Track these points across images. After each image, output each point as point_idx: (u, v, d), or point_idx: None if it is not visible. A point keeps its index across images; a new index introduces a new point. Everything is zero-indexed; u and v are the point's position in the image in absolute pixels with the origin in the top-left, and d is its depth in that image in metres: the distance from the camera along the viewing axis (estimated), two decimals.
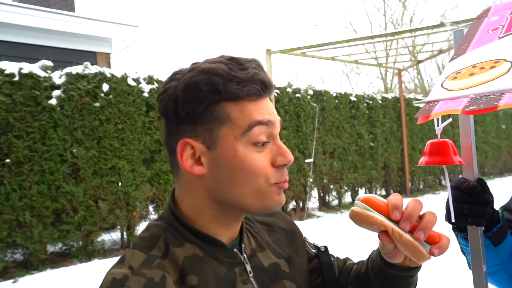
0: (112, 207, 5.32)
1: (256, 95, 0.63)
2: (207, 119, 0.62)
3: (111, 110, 5.34)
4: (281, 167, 0.64)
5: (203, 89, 0.61)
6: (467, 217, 0.86)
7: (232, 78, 0.61)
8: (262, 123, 0.62)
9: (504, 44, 0.76)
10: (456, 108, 0.70)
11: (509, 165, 14.14)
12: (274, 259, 0.73)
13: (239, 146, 0.62)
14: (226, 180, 0.63)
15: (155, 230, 0.66)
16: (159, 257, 0.62)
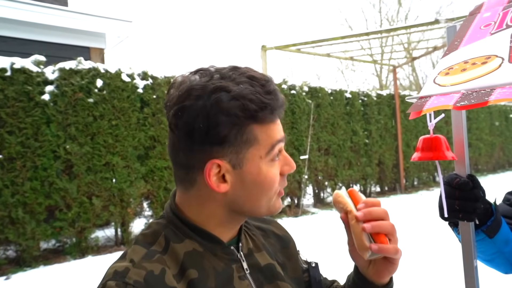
0: (106, 203, 5.30)
1: (279, 118, 0.69)
2: (236, 142, 0.65)
3: (105, 106, 5.30)
4: (284, 175, 0.71)
5: (239, 114, 0.63)
6: (458, 212, 0.88)
7: (265, 106, 0.64)
8: (281, 141, 0.69)
9: (495, 40, 0.76)
10: (447, 103, 0.70)
11: (502, 162, 14.27)
12: (270, 260, 0.76)
13: (263, 164, 0.67)
14: (247, 194, 0.67)
15: (156, 228, 0.69)
16: (159, 252, 0.65)
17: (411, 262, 4.21)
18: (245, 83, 0.64)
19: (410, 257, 4.41)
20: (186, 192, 0.69)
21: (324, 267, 1.54)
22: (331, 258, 4.54)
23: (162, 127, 5.85)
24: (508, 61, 0.69)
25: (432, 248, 4.76)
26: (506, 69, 0.67)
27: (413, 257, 4.33)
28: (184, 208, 0.70)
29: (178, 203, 0.71)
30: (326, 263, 4.41)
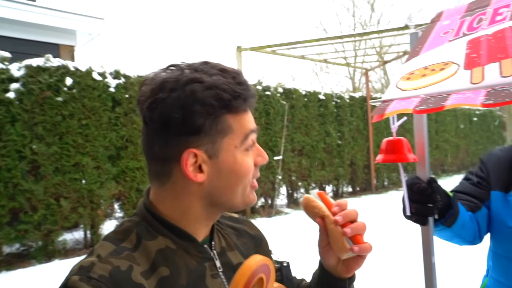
0: (75, 205, 5.14)
1: (251, 108, 0.71)
2: (212, 131, 0.66)
3: (74, 105, 5.14)
4: (257, 166, 0.73)
5: (214, 104, 0.65)
6: (413, 216, 0.94)
7: (237, 95, 0.67)
8: (254, 131, 0.71)
9: (453, 47, 0.80)
10: (408, 107, 0.72)
11: (466, 163, 14.89)
12: (242, 259, 0.76)
13: (238, 153, 0.68)
14: (223, 184, 0.68)
15: (128, 225, 0.69)
16: (129, 249, 0.65)
17: (380, 258, 4.32)
18: (217, 75, 0.67)
19: (379, 254, 4.53)
20: (161, 187, 0.69)
21: (296, 266, 1.56)
22: (304, 257, 4.60)
23: (134, 127, 5.74)
24: (463, 68, 0.73)
25: (398, 245, 4.91)
26: (461, 75, 0.71)
27: (381, 254, 4.45)
28: (158, 204, 0.70)
29: (152, 200, 0.70)
30: (299, 262, 4.46)
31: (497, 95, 0.61)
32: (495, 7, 0.81)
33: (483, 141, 15.99)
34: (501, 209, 1.12)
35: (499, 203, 1.13)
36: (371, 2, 18.37)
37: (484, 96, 0.63)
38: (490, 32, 0.76)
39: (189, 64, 0.69)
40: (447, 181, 12.12)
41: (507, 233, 1.11)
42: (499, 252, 1.15)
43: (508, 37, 0.70)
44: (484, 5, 0.86)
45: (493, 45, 0.72)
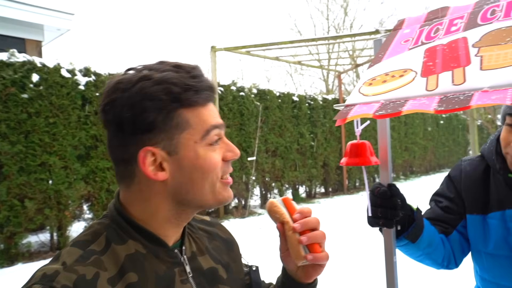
0: (40, 206, 4.96)
1: (208, 101, 0.69)
2: (166, 127, 0.65)
3: (41, 102, 4.96)
4: (228, 161, 0.71)
5: (163, 98, 0.63)
6: (380, 219, 0.95)
7: (189, 87, 0.65)
8: (216, 127, 0.69)
9: (412, 55, 0.84)
10: (368, 112, 0.75)
11: (433, 164, 15.47)
12: (212, 264, 0.76)
13: (200, 148, 0.66)
14: (188, 180, 0.66)
15: (97, 228, 0.67)
16: (97, 252, 0.63)
17: (348, 257, 4.42)
18: (169, 70, 0.66)
19: (347, 253, 4.63)
20: (128, 189, 0.68)
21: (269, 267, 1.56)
22: (276, 258, 4.64)
23: None
24: (420, 75, 0.76)
25: (368, 244, 5.04)
26: (418, 82, 0.74)
27: (349, 253, 4.56)
28: (128, 206, 0.68)
29: (122, 201, 0.69)
30: (271, 263, 4.49)
31: (448, 102, 0.64)
32: (451, 18, 0.85)
33: (449, 143, 16.65)
34: (480, 232, 1.08)
35: (478, 227, 1.09)
36: (344, 6, 18.74)
37: (437, 102, 0.67)
38: (445, 42, 0.80)
39: (145, 65, 0.69)
40: (415, 182, 12.54)
41: (490, 258, 1.06)
42: (487, 278, 1.10)
43: (461, 47, 0.74)
44: (441, 15, 0.90)
45: (447, 55, 0.75)
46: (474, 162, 1.18)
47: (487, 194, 1.09)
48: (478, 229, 1.09)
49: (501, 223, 1.04)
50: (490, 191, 1.09)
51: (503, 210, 1.04)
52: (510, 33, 0.70)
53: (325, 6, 19.44)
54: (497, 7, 0.79)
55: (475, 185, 1.12)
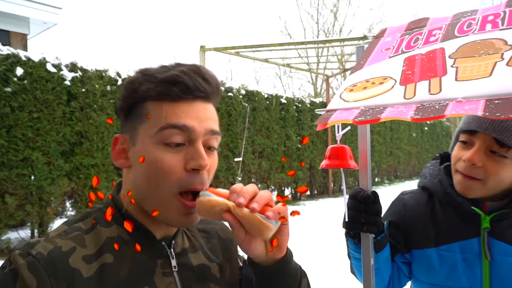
0: (22, 202, 4.86)
1: (179, 98, 0.63)
2: (132, 117, 0.66)
3: (25, 96, 4.87)
4: (194, 172, 0.64)
5: (129, 87, 0.66)
6: (363, 225, 0.94)
7: (149, 78, 0.64)
8: (176, 127, 0.62)
9: (392, 63, 0.86)
10: (348, 118, 0.77)
11: (417, 170, 15.72)
12: (205, 261, 0.75)
13: (152, 144, 0.63)
14: (141, 176, 0.65)
15: (90, 210, 0.70)
16: (82, 230, 0.65)
17: (329, 259, 4.46)
18: (168, 66, 0.67)
19: (329, 255, 4.67)
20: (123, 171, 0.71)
21: None
22: None
23: (91, 122, 5.53)
24: (399, 83, 0.78)
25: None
26: (396, 90, 0.76)
27: (331, 255, 4.60)
28: (123, 190, 0.70)
29: (122, 185, 0.71)
30: None
31: (424, 111, 0.67)
32: (430, 29, 0.88)
33: (433, 149, 16.96)
34: (431, 265, 1.05)
35: (428, 260, 1.05)
36: (334, 11, 18.92)
37: (414, 111, 0.69)
38: (424, 52, 0.82)
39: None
40: (399, 186, 12.72)
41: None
42: None
43: (438, 57, 0.77)
44: (421, 25, 0.93)
45: (425, 64, 0.78)
46: (416, 196, 1.15)
47: (435, 226, 1.06)
48: (429, 262, 1.05)
49: (455, 255, 1.02)
50: (438, 221, 1.07)
51: (457, 242, 1.02)
52: (484, 46, 0.72)
53: (315, 10, 19.60)
54: (473, 20, 0.82)
55: (423, 218, 1.09)
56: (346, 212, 0.96)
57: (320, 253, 4.81)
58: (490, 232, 0.98)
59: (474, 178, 0.96)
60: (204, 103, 0.67)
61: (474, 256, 0.99)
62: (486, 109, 0.58)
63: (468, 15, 0.85)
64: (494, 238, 0.98)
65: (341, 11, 19.39)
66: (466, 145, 0.99)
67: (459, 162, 0.99)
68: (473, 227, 1.00)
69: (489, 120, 0.92)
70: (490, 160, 0.94)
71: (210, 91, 0.67)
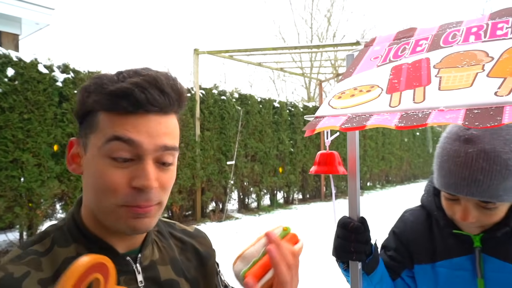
0: (10, 204, 4.81)
1: (126, 111, 0.60)
2: (84, 124, 0.65)
3: (16, 97, 4.83)
4: (139, 190, 0.60)
5: (81, 93, 0.65)
6: (353, 254, 0.96)
7: (98, 89, 0.62)
8: (122, 140, 0.59)
9: (380, 72, 0.88)
10: (335, 124, 0.79)
11: (408, 175, 15.86)
12: (173, 276, 0.72)
13: (99, 156, 0.61)
14: (91, 185, 0.63)
15: (48, 229, 0.66)
16: (38, 253, 0.62)
17: (321, 264, 4.48)
18: (122, 71, 0.64)
19: (321, 260, 4.69)
20: None
21: None
22: None
23: None
24: (385, 92, 0.80)
25: None
26: (382, 98, 0.78)
27: (323, 260, 4.61)
28: (83, 202, 0.67)
29: (83, 201, 0.68)
30: None
31: (408, 119, 0.69)
32: (417, 39, 0.91)
33: (424, 154, 17.13)
34: (429, 281, 1.08)
35: (426, 276, 1.09)
36: (328, 16, 19.07)
37: (398, 118, 0.71)
38: (410, 61, 0.85)
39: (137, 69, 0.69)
40: (390, 191, 12.81)
41: None
42: None
43: (423, 67, 0.79)
44: (409, 35, 0.95)
45: (411, 73, 0.80)
46: (416, 213, 1.17)
47: (432, 243, 1.09)
48: (427, 277, 1.08)
49: (449, 271, 1.04)
50: (434, 239, 1.09)
51: (450, 259, 1.04)
52: (466, 56, 0.75)
53: (309, 14, 19.73)
54: (457, 31, 0.84)
55: (420, 235, 1.12)
56: (336, 241, 0.97)
57: (312, 257, 4.82)
58: (483, 250, 0.99)
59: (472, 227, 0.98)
60: (160, 117, 0.62)
61: (469, 273, 1.00)
62: (466, 118, 0.60)
63: (453, 26, 0.87)
64: (487, 255, 0.98)
65: (334, 16, 19.54)
66: (452, 198, 0.97)
67: (454, 217, 0.99)
68: (467, 244, 1.01)
69: (465, 184, 0.89)
70: (482, 213, 0.93)
71: (167, 103, 0.62)
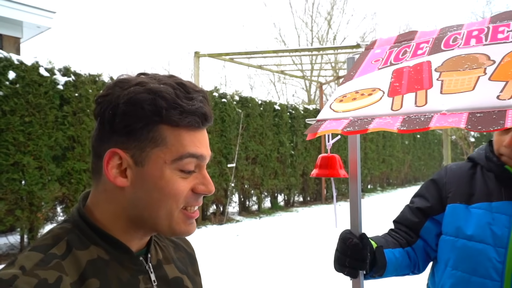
0: (11, 207, 4.81)
1: (195, 127, 0.66)
2: (142, 137, 0.64)
3: (17, 100, 4.84)
4: (199, 194, 0.67)
5: (146, 108, 0.62)
6: (345, 268, 0.98)
7: (176, 106, 0.63)
8: (194, 156, 0.65)
9: (381, 75, 0.88)
10: (337, 128, 0.79)
11: (409, 177, 15.84)
12: (178, 273, 0.75)
13: (167, 170, 0.64)
14: (146, 197, 0.64)
15: (58, 232, 0.64)
16: (58, 256, 0.60)
17: (321, 267, 4.47)
18: (169, 84, 0.65)
19: (321, 263, 4.68)
20: (96, 186, 0.67)
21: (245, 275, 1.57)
22: (253, 265, 4.64)
23: (83, 127, 5.51)
24: (387, 95, 0.80)
25: None
26: (384, 102, 0.78)
27: (324, 263, 4.59)
28: (94, 208, 0.67)
29: (89, 202, 0.68)
30: (248, 271, 4.49)
31: (410, 122, 0.69)
32: (418, 42, 0.91)
33: (425, 157, 17.10)
34: (460, 220, 1.10)
35: (458, 215, 1.10)
36: (328, 18, 19.09)
37: (400, 122, 0.71)
38: (411, 64, 0.85)
39: (156, 74, 0.69)
40: (391, 193, 12.80)
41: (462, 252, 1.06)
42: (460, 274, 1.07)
43: (425, 70, 0.79)
44: (409, 38, 0.95)
45: (412, 76, 0.80)
46: (460, 164, 1.23)
47: (471, 188, 1.12)
48: (459, 217, 1.10)
49: (486, 212, 1.06)
50: (475, 185, 1.12)
51: (489, 202, 1.07)
52: (468, 60, 0.75)
53: (309, 17, 19.77)
54: (458, 34, 0.84)
55: (460, 178, 1.15)
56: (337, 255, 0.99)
57: (313, 259, 4.81)
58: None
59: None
60: (205, 129, 0.70)
61: (506, 216, 1.03)
62: (469, 122, 0.60)
63: (454, 29, 0.87)
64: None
65: (335, 19, 19.52)
66: (505, 132, 1.04)
67: (501, 148, 1.06)
68: (510, 190, 1.05)
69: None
70: None
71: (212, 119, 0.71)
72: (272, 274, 4.30)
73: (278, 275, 4.30)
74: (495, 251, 1.01)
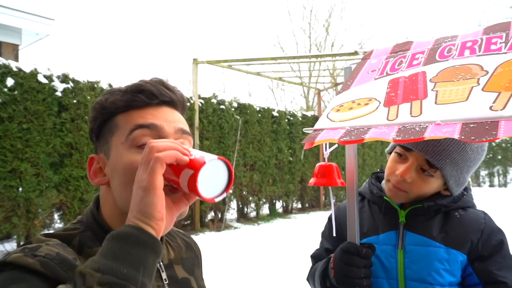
0: (8, 214, 4.79)
1: (143, 105, 0.67)
2: (104, 133, 0.69)
3: (15, 107, 4.84)
4: None
5: (96, 107, 0.69)
6: (363, 279, 0.96)
7: (114, 91, 0.69)
8: (144, 126, 0.65)
9: (377, 85, 0.89)
10: (334, 137, 0.79)
11: None
12: (185, 274, 0.77)
13: (123, 150, 0.65)
14: (120, 184, 0.65)
15: (72, 232, 0.66)
16: (74, 253, 0.63)
17: None
18: (128, 85, 0.70)
19: None
20: (100, 190, 0.72)
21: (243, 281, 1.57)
22: (251, 271, 4.62)
23: (81, 134, 5.50)
24: (383, 105, 0.81)
25: None
26: (380, 112, 0.79)
27: None
28: (102, 208, 0.70)
29: (101, 202, 0.71)
30: (247, 277, 4.47)
31: (405, 132, 0.69)
32: (413, 52, 0.92)
33: None
34: None
35: None
36: (326, 26, 19.23)
37: (396, 132, 0.72)
38: (407, 75, 0.86)
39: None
40: None
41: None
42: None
43: (420, 81, 0.80)
44: (405, 49, 0.97)
45: (408, 87, 0.81)
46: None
47: (361, 222, 1.13)
48: None
49: (376, 246, 1.07)
50: (365, 219, 1.15)
51: (377, 235, 1.10)
52: (462, 70, 0.76)
53: (307, 24, 19.91)
54: (453, 45, 0.85)
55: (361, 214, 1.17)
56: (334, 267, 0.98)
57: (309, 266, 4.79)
58: (406, 226, 1.06)
59: (401, 189, 1.05)
60: (170, 109, 0.70)
61: (391, 247, 1.07)
62: (462, 132, 0.61)
63: (448, 40, 0.89)
64: (408, 231, 1.06)
65: (332, 26, 19.68)
66: (400, 159, 1.06)
67: (392, 175, 1.07)
68: (393, 221, 1.09)
69: (425, 141, 0.96)
70: (418, 177, 1.02)
71: (175, 99, 0.70)
72: (270, 281, 4.28)
73: (276, 282, 4.28)
74: (388, 284, 1.05)
